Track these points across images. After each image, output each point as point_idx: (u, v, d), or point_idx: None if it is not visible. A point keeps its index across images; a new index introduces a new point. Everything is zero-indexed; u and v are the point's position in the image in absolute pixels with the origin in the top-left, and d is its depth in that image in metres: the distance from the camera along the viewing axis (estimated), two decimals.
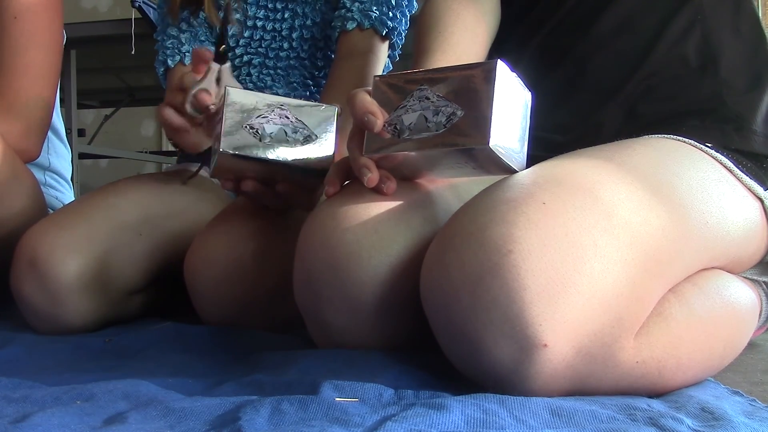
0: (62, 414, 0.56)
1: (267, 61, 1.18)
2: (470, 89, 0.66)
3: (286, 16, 1.17)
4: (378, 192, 0.71)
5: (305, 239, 0.72)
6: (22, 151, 1.12)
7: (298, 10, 1.17)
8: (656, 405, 0.59)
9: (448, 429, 0.51)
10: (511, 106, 0.67)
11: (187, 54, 1.18)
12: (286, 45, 1.18)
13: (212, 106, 0.87)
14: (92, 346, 0.88)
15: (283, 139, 0.81)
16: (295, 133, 0.81)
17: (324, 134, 0.82)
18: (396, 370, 0.66)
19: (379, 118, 0.69)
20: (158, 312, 1.09)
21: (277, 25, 1.17)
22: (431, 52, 0.83)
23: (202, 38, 1.20)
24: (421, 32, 0.88)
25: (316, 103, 0.83)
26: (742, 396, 0.65)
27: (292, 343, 0.84)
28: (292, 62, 1.18)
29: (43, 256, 0.93)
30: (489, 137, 0.64)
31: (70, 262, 0.94)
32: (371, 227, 0.69)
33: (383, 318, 0.69)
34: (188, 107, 0.89)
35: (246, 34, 1.18)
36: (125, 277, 1.00)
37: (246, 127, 0.80)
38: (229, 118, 0.80)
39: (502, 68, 0.65)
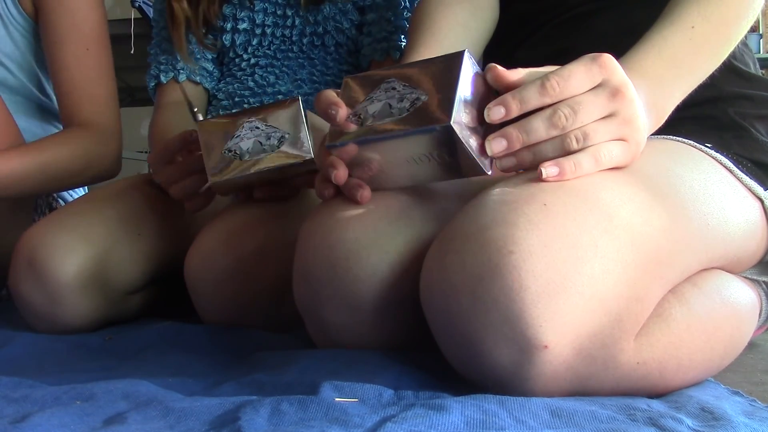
0: (62, 414, 0.56)
1: (275, 61, 1.17)
2: (435, 76, 0.65)
3: (296, 23, 1.16)
4: (354, 201, 0.70)
5: (304, 238, 0.72)
6: (111, 171, 1.22)
7: (310, 18, 1.15)
8: (656, 405, 0.59)
9: (447, 430, 0.51)
10: (476, 99, 0.65)
11: (181, 71, 1.18)
12: (295, 48, 1.17)
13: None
14: (92, 346, 0.88)
15: (259, 150, 0.86)
16: (269, 139, 0.86)
17: (295, 129, 0.86)
18: (396, 370, 0.66)
19: (342, 108, 0.67)
20: (158, 312, 1.09)
21: (286, 32, 1.17)
22: (416, 47, 0.83)
23: (198, 56, 1.19)
24: (411, 29, 0.88)
25: (278, 101, 0.90)
26: (742, 396, 0.65)
27: (292, 343, 0.84)
28: (301, 61, 1.17)
29: (42, 256, 0.93)
30: (450, 116, 0.62)
31: (68, 262, 0.94)
32: (370, 225, 0.69)
33: (382, 317, 0.69)
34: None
35: (254, 42, 1.17)
36: (124, 276, 1.00)
37: (225, 152, 0.87)
38: (207, 152, 0.88)
39: (468, 57, 0.65)
